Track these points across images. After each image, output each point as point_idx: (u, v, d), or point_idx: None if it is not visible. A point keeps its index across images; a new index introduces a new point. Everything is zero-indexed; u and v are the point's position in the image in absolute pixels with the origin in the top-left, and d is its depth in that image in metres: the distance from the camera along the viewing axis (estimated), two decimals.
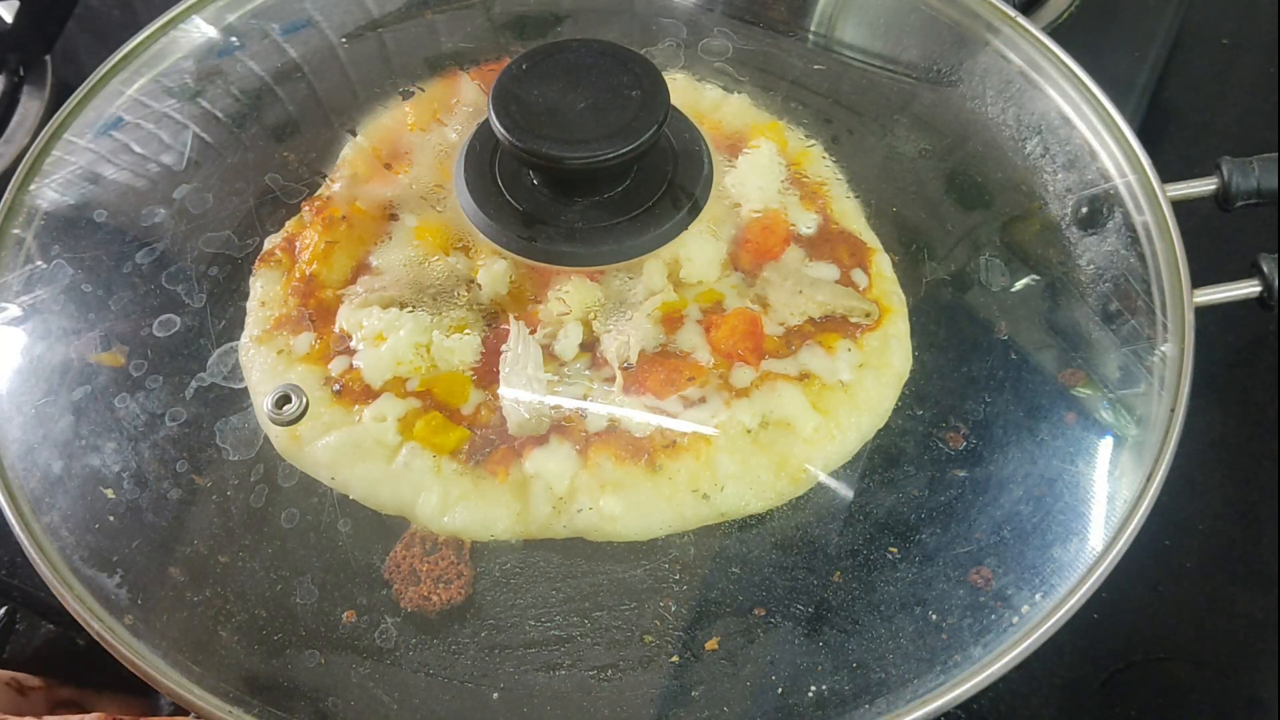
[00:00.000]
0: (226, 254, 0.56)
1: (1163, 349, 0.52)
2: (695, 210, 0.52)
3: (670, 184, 0.52)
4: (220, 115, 0.61)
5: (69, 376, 0.53)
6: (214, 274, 0.55)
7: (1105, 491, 0.49)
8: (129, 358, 0.53)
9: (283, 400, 0.49)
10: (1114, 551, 0.46)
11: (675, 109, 0.52)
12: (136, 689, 0.62)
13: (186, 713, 0.53)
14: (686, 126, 0.53)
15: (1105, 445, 0.51)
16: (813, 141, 0.59)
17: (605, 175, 0.50)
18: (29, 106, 0.76)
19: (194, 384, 0.52)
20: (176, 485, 0.50)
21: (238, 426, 0.50)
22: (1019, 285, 0.55)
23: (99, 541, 0.48)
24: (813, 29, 0.67)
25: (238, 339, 0.53)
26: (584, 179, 0.50)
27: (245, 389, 0.51)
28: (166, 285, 0.55)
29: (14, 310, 0.55)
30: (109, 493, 0.49)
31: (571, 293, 0.51)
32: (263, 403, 0.50)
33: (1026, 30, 0.62)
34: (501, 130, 0.48)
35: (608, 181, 0.51)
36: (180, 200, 0.58)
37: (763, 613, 0.46)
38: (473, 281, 0.52)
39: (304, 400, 0.49)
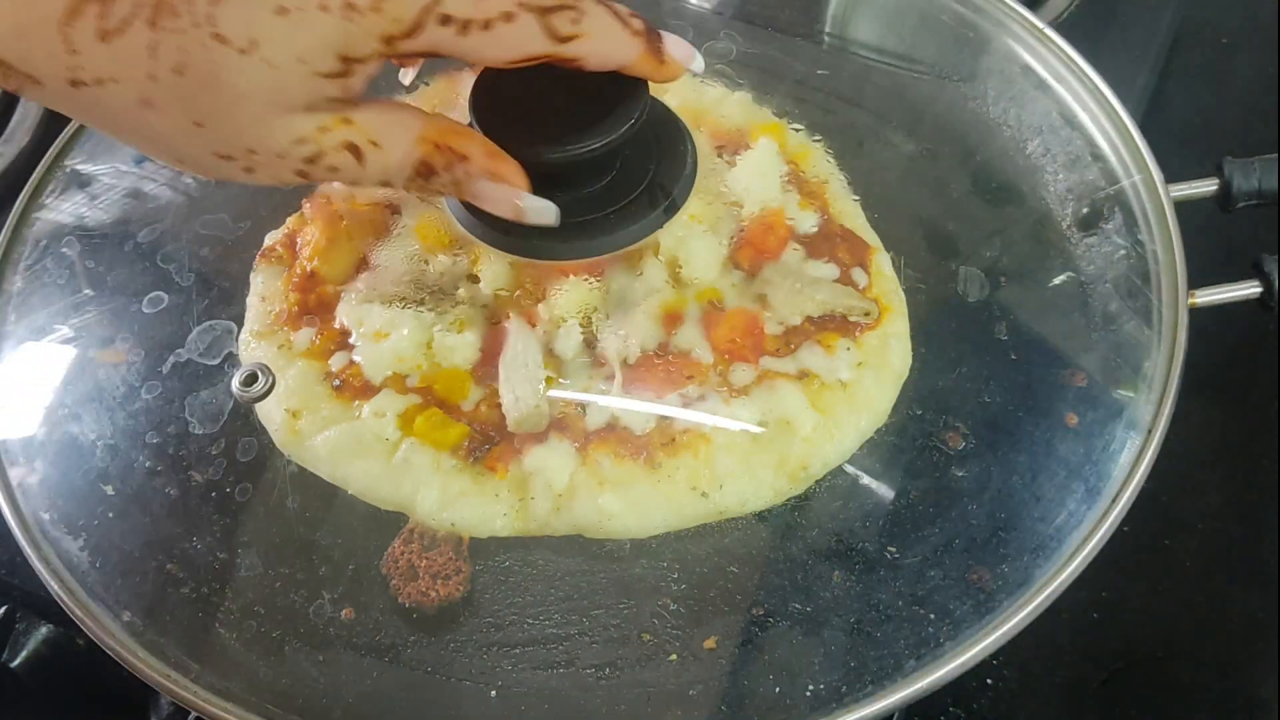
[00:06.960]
0: (226, 252, 0.56)
1: (1162, 349, 0.52)
2: (673, 209, 0.51)
3: (650, 181, 0.51)
4: None
5: (69, 375, 0.53)
6: (214, 273, 0.55)
7: (1105, 490, 0.49)
8: (131, 357, 0.53)
9: (250, 379, 0.50)
10: (1099, 533, 0.46)
11: (664, 105, 0.52)
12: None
13: (186, 713, 0.53)
14: (673, 124, 0.53)
15: (1105, 444, 0.50)
16: (813, 140, 0.59)
17: (580, 171, 0.49)
18: (29, 106, 0.76)
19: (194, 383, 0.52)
20: (177, 485, 0.50)
21: (239, 427, 0.51)
22: (1019, 285, 0.55)
23: (99, 541, 0.48)
24: (815, 28, 0.67)
25: (239, 339, 0.53)
26: (559, 174, 0.49)
27: None
28: (167, 284, 0.55)
29: (15, 310, 0.55)
30: (109, 491, 0.49)
31: (571, 291, 0.51)
32: (232, 381, 0.51)
33: (1033, 25, 0.62)
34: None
35: (586, 177, 0.50)
36: (180, 198, 0.58)
37: (761, 612, 0.46)
38: (473, 279, 0.52)
39: (270, 378, 0.50)
